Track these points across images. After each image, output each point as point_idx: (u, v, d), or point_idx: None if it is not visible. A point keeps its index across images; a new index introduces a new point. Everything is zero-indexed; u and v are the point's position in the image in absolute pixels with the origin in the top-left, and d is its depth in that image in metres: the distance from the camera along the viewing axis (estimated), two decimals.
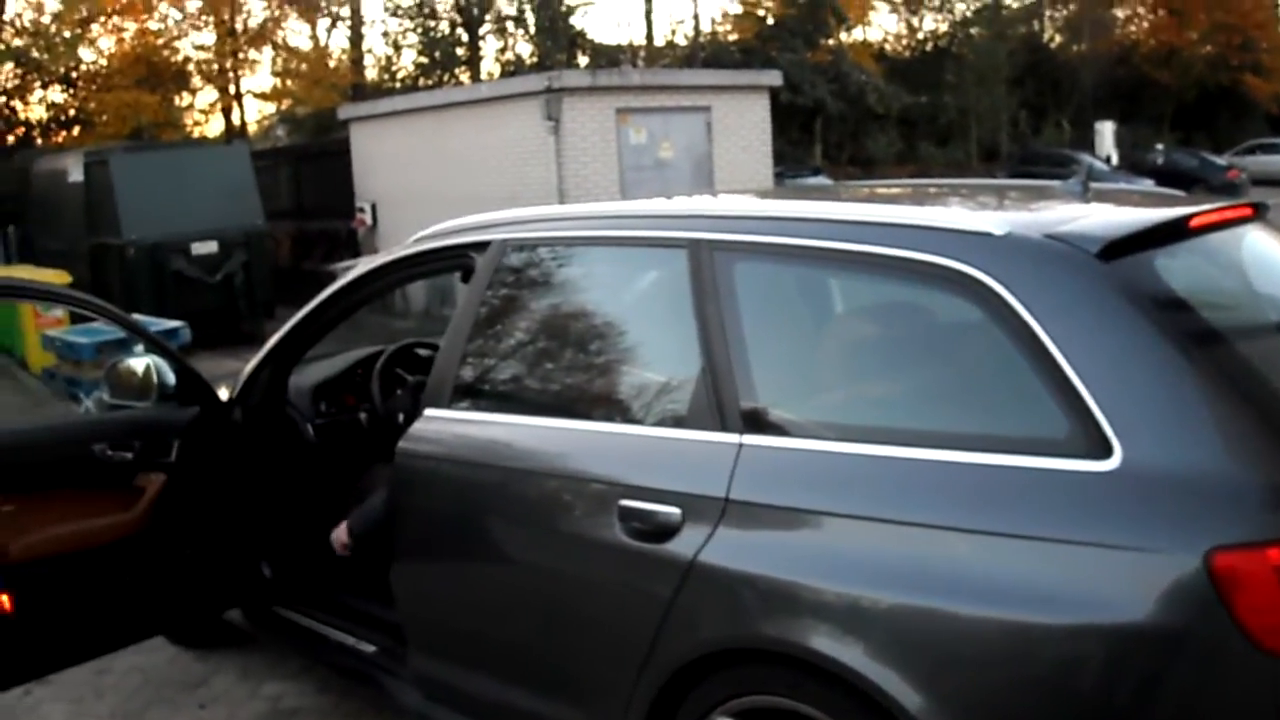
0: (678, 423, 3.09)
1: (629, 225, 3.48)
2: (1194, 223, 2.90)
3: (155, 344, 4.32)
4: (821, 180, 24.15)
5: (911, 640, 2.51)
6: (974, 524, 2.48)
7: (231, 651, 5.07)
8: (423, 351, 4.97)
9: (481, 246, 3.76)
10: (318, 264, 17.71)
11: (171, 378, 4.33)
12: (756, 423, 2.89)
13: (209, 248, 13.64)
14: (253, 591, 4.55)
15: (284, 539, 4.63)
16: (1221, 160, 35.90)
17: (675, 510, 2.92)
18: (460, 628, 3.66)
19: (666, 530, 2.93)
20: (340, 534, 4.17)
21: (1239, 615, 2.22)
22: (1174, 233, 2.84)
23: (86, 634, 4.05)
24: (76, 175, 14.10)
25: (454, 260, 3.97)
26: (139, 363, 4.37)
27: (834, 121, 35.09)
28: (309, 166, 21.08)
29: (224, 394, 4.51)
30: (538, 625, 3.37)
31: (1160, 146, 37.40)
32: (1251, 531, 2.25)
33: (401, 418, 4.27)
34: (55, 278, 12.35)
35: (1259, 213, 3.22)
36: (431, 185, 17.01)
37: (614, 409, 3.32)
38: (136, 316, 10.92)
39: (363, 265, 4.31)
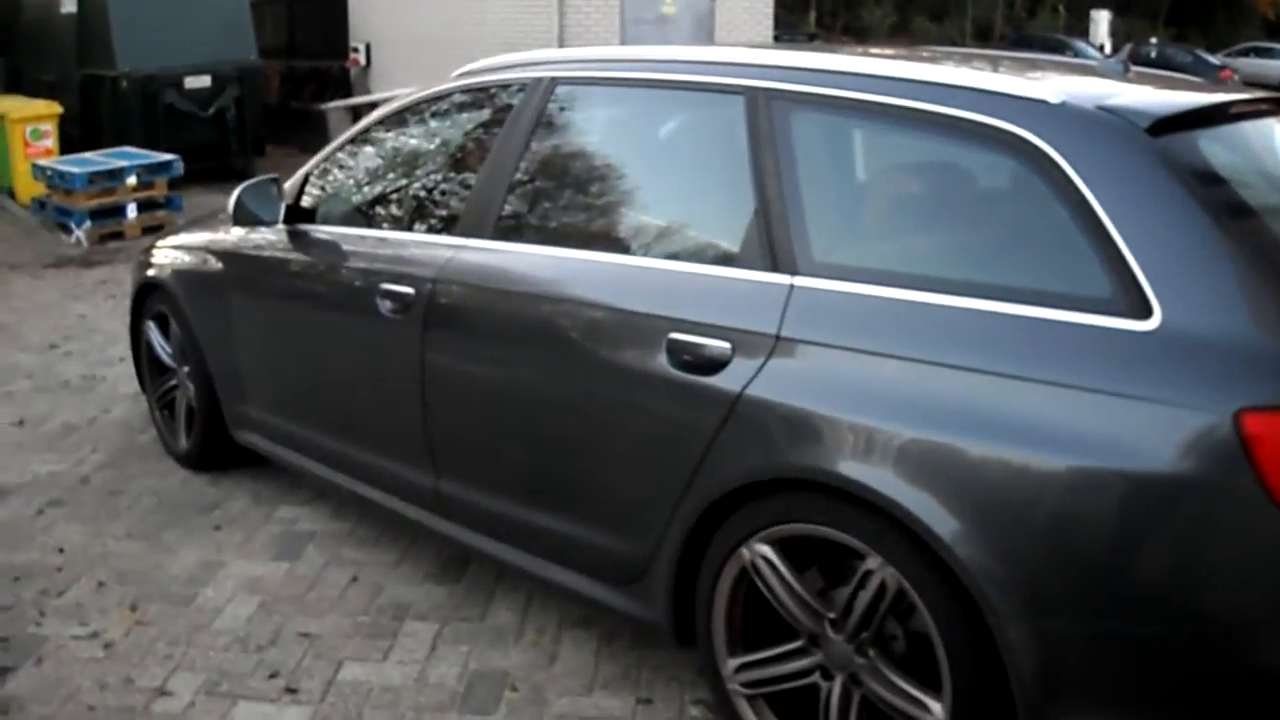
0: (729, 262, 3.14)
1: (684, 70, 3.48)
2: (1233, 109, 3.07)
3: None
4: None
5: (948, 474, 2.61)
6: (1014, 370, 2.57)
7: (243, 476, 5.13)
8: None
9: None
10: (307, 103, 17.45)
11: None
12: (808, 265, 2.96)
13: (202, 81, 13.34)
14: None
15: None
16: (1215, 60, 35.63)
17: (725, 344, 2.99)
18: (492, 453, 3.71)
19: (716, 363, 3.00)
20: None
21: (1262, 473, 2.31)
22: (1215, 116, 3.01)
23: None
24: (69, 6, 13.70)
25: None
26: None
27: None
28: (303, 4, 20.59)
29: None
30: (575, 452, 3.43)
31: (1154, 40, 37.16)
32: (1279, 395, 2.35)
33: None
34: (46, 109, 12.17)
35: None
36: (428, 29, 16.70)
37: (662, 247, 3.37)
38: (128, 149, 10.90)
39: (401, 99, 4.29)
